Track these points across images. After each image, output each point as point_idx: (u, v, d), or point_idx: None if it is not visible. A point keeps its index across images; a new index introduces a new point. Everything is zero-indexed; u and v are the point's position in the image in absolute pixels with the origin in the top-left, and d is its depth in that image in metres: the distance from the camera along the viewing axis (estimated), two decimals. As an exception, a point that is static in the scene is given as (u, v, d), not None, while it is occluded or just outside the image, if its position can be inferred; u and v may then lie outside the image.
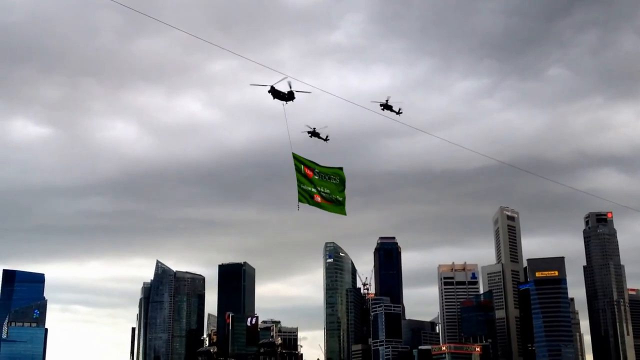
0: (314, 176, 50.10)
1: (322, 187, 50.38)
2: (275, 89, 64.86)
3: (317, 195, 50.06)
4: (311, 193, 49.82)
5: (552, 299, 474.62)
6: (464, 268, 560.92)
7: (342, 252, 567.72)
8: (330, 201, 50.75)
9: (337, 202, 51.15)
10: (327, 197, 50.55)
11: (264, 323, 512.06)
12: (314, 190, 49.94)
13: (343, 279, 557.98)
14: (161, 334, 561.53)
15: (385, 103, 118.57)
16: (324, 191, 50.37)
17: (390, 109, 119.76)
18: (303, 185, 49.55)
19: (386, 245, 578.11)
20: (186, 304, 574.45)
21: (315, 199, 50.04)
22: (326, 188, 50.58)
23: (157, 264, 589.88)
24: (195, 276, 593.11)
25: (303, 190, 49.55)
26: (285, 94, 65.50)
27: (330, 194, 50.71)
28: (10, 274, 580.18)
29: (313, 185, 49.92)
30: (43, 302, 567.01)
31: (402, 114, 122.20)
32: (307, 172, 49.84)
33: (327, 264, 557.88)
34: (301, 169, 49.62)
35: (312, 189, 49.88)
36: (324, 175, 50.66)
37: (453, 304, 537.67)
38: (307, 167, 49.96)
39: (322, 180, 50.47)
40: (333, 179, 51.03)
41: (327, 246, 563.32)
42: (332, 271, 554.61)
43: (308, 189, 49.65)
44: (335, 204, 51.13)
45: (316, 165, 50.51)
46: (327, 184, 50.66)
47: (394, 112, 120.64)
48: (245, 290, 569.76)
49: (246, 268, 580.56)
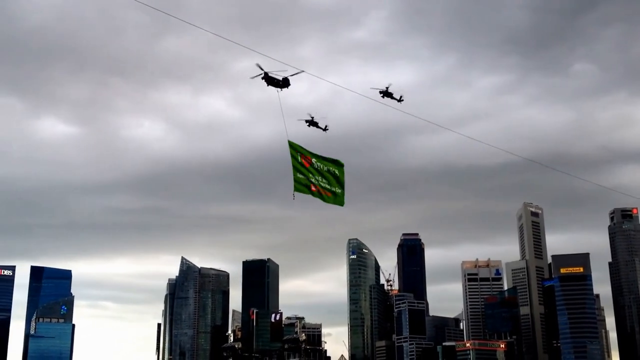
0: (312, 164, 47.67)
1: (320, 177, 47.96)
2: (269, 75, 64.05)
3: (315, 185, 47.53)
4: (308, 183, 47.27)
5: (577, 295, 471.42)
6: (487, 264, 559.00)
7: (365, 249, 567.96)
8: (328, 192, 48.17)
9: (335, 193, 48.47)
10: (325, 187, 48.07)
11: (288, 319, 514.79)
12: (311, 180, 47.44)
13: (366, 275, 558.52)
14: (186, 329, 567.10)
15: (385, 90, 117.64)
16: (321, 181, 47.95)
17: (391, 97, 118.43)
18: (300, 174, 47.07)
19: (409, 242, 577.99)
20: (211, 300, 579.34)
21: (313, 189, 47.46)
22: (324, 178, 48.19)
23: (182, 261, 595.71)
24: (219, 272, 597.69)
25: (300, 179, 47.03)
26: (279, 81, 64.60)
27: (328, 184, 48.17)
28: (38, 271, 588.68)
29: (311, 175, 47.42)
30: (70, 299, 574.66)
31: (403, 101, 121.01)
32: (304, 161, 47.46)
33: (350, 260, 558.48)
34: (297, 157, 47.15)
35: (310, 178, 47.40)
36: (322, 166, 48.22)
37: (477, 300, 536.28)
38: (303, 156, 47.58)
39: (321, 169, 48.04)
40: (332, 171, 48.54)
41: (350, 242, 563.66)
42: (356, 267, 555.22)
43: (305, 178, 47.17)
44: (334, 195, 48.45)
45: (314, 155, 48.11)
46: (326, 175, 48.22)
47: (395, 100, 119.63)
48: (269, 286, 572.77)
49: (270, 264, 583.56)
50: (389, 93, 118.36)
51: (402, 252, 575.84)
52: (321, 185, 47.75)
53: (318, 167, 47.77)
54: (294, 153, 46.90)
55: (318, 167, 47.77)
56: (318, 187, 47.56)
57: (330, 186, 48.26)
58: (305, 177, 47.00)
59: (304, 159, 47.25)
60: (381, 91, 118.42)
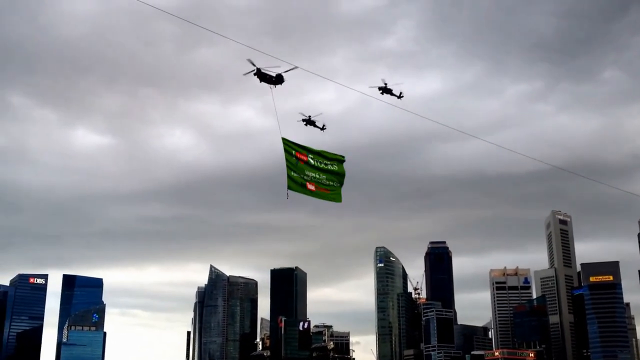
0: (308, 161, 45.46)
1: (317, 173, 45.65)
2: (261, 71, 62.41)
3: (311, 182, 45.25)
4: (303, 181, 44.97)
5: (607, 304, 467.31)
6: (516, 273, 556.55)
7: (392, 257, 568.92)
8: (326, 188, 45.98)
9: (333, 188, 46.39)
10: (322, 184, 45.72)
11: (316, 327, 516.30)
12: (307, 177, 45.14)
13: (394, 284, 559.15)
14: (215, 337, 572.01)
15: (384, 87, 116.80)
16: (318, 177, 45.60)
17: (390, 93, 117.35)
18: (294, 171, 44.65)
19: (437, 250, 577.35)
20: (239, 308, 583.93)
21: (309, 187, 45.11)
22: (322, 174, 45.85)
23: (210, 269, 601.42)
24: (248, 281, 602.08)
25: (294, 177, 44.56)
26: (272, 77, 63.10)
27: (326, 180, 45.99)
28: (70, 279, 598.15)
29: (307, 171, 45.27)
30: (102, 307, 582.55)
31: (403, 97, 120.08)
32: (300, 157, 45.15)
33: (377, 269, 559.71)
34: (292, 154, 44.88)
35: (306, 176, 45.14)
36: (320, 161, 45.99)
37: (505, 309, 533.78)
38: (299, 153, 45.27)
39: (318, 165, 45.84)
40: (330, 167, 46.33)
41: (377, 251, 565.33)
42: (383, 276, 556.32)
43: (300, 176, 44.79)
44: (332, 191, 46.34)
45: (311, 151, 45.99)
46: (324, 169, 46.07)
47: (395, 97, 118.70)
48: (297, 294, 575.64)
49: (298, 273, 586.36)
50: (388, 89, 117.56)
51: (430, 261, 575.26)
52: (318, 182, 45.68)
53: (315, 164, 45.84)
54: (288, 149, 45.01)
55: (315, 164, 45.84)
56: (315, 185, 45.53)
57: (329, 182, 46.30)
58: (301, 175, 45.03)
59: (300, 156, 45.38)
60: (380, 87, 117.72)
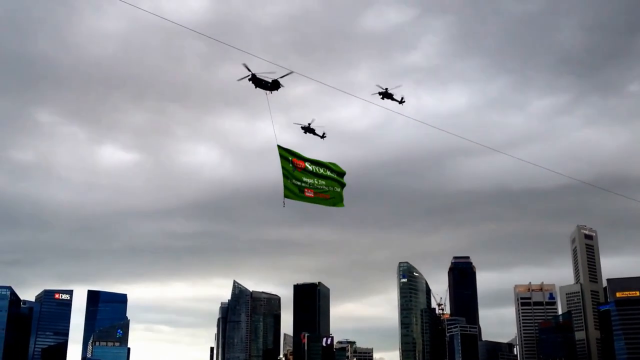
0: (306, 167, 43.76)
1: (316, 179, 44.02)
2: (257, 77, 60.95)
3: (310, 189, 43.54)
4: (301, 187, 43.29)
5: (634, 319, 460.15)
6: (541, 288, 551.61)
7: (416, 272, 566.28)
8: (326, 194, 44.35)
9: (334, 193, 44.75)
10: (322, 190, 44.05)
11: (339, 343, 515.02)
12: (304, 184, 43.44)
13: (417, 299, 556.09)
14: (239, 353, 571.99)
15: (385, 91, 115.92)
16: (317, 183, 43.96)
17: (391, 98, 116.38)
18: (291, 179, 43.07)
19: (460, 265, 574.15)
20: (262, 324, 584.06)
21: (307, 194, 43.47)
22: (321, 179, 44.22)
23: (234, 284, 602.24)
24: (271, 296, 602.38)
25: (291, 184, 42.97)
26: (268, 83, 61.55)
27: (326, 186, 44.32)
28: (94, 295, 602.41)
29: (305, 178, 43.58)
30: (126, 322, 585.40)
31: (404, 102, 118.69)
32: (298, 163, 43.52)
33: (401, 284, 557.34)
34: (289, 161, 43.26)
35: (303, 183, 43.46)
36: (318, 167, 44.40)
37: (531, 325, 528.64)
38: (296, 159, 43.60)
39: (316, 172, 44.23)
40: (329, 173, 44.77)
41: (400, 266, 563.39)
42: (407, 291, 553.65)
43: (297, 183, 43.10)
44: (332, 197, 44.69)
45: (308, 159, 44.34)
46: (323, 175, 44.48)
47: (396, 102, 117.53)
48: (320, 310, 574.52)
49: (321, 288, 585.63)
50: (388, 94, 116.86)
51: (453, 276, 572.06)
52: (317, 189, 44.14)
53: (313, 170, 44.41)
54: (284, 155, 43.51)
55: (313, 170, 44.41)
56: (314, 191, 43.98)
57: (328, 188, 44.76)
58: (298, 181, 43.48)
59: (297, 163, 43.84)
60: (380, 92, 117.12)
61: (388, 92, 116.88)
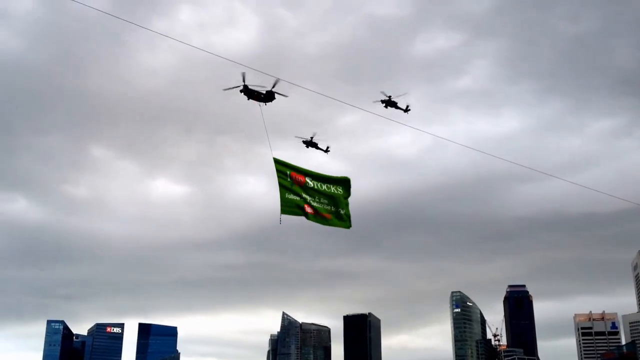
0: (307, 182, 40.41)
1: (317, 196, 40.51)
2: (248, 88, 58.74)
3: (308, 205, 40.01)
4: (300, 203, 39.90)
5: None
6: (602, 317, 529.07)
7: (469, 302, 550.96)
8: (328, 214, 40.72)
9: (338, 214, 40.97)
10: (323, 208, 40.41)
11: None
12: (304, 200, 40.02)
13: (472, 330, 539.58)
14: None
15: (388, 99, 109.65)
16: (318, 201, 40.45)
17: (396, 106, 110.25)
18: (289, 194, 39.73)
19: (516, 294, 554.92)
20: (312, 356, 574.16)
21: (307, 210, 39.95)
22: (323, 197, 40.64)
23: (283, 316, 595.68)
24: (320, 328, 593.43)
25: (289, 199, 39.60)
26: (261, 94, 58.83)
27: (328, 205, 40.74)
28: (145, 328, 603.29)
29: (304, 194, 40.14)
30: (176, 355, 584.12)
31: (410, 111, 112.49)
32: (297, 178, 40.26)
33: (454, 314, 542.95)
34: (287, 175, 40.20)
35: (302, 197, 40.03)
36: (321, 182, 40.90)
37: (592, 356, 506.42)
38: (295, 172, 40.41)
39: (318, 188, 40.63)
40: (332, 190, 41.10)
41: (453, 295, 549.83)
42: (460, 321, 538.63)
43: (295, 199, 39.60)
44: (336, 216, 40.93)
45: (309, 173, 40.89)
46: (325, 193, 40.84)
47: (401, 110, 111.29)
48: (371, 341, 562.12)
49: (371, 319, 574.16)
50: (392, 102, 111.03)
51: (509, 305, 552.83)
52: (317, 207, 40.39)
53: (314, 186, 40.83)
54: (281, 169, 40.50)
55: (314, 186, 40.83)
56: (314, 209, 40.26)
57: (331, 207, 41.08)
58: (297, 196, 39.96)
59: (297, 177, 40.53)
60: (383, 101, 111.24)
61: (391, 100, 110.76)
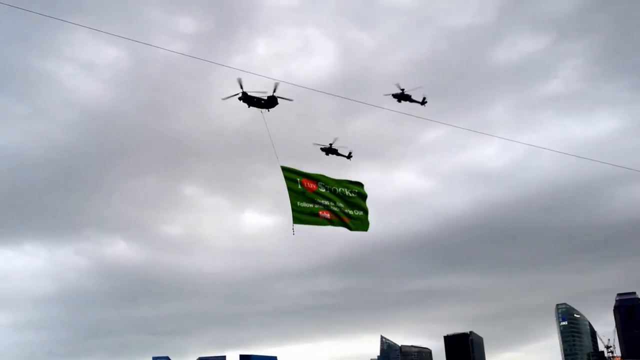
0: (319, 189, 38.99)
1: (332, 200, 39.09)
2: (247, 95, 56.20)
3: (325, 210, 38.66)
4: (314, 209, 38.56)
5: None
6: None
7: (576, 313, 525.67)
8: (345, 217, 39.28)
9: (355, 217, 39.66)
10: (340, 212, 38.88)
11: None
12: (318, 206, 38.70)
13: (582, 343, 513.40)
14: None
15: (401, 93, 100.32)
16: (334, 204, 39.01)
17: (410, 99, 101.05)
18: (301, 202, 38.38)
19: (627, 302, 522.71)
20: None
21: (322, 215, 38.62)
22: (339, 201, 39.30)
23: (381, 340, 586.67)
24: (421, 349, 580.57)
25: (302, 207, 38.26)
26: (262, 100, 56.48)
27: (344, 208, 39.23)
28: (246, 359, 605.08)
29: (318, 199, 38.74)
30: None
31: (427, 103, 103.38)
32: (308, 185, 38.80)
33: (561, 327, 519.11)
34: (297, 183, 38.77)
35: (316, 204, 38.67)
36: (335, 186, 39.45)
37: None
38: (306, 180, 38.95)
39: (331, 193, 39.12)
40: (347, 192, 39.77)
41: (558, 308, 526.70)
42: (568, 335, 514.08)
43: (308, 206, 38.21)
44: (353, 220, 39.58)
45: (321, 178, 39.37)
46: (339, 195, 39.37)
47: (417, 103, 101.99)
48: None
49: (473, 338, 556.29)
50: (405, 96, 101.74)
51: (620, 315, 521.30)
52: (335, 210, 38.86)
53: (327, 190, 39.31)
54: (291, 177, 38.89)
55: (327, 190, 39.31)
56: (330, 213, 38.72)
57: (348, 209, 39.78)
58: (311, 203, 38.46)
59: (308, 184, 38.96)
60: (395, 95, 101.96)
61: (405, 93, 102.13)
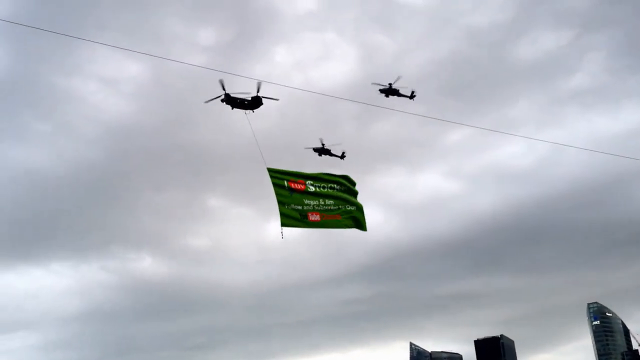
0: (307, 188, 37.90)
1: (321, 199, 37.78)
2: (230, 96, 54.24)
3: (314, 212, 37.37)
4: (303, 211, 37.49)
5: None
6: None
7: (608, 312, 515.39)
8: (336, 214, 38.04)
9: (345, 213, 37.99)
10: (330, 210, 37.56)
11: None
12: (307, 207, 37.52)
13: (615, 342, 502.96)
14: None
15: (389, 88, 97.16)
16: (323, 203, 37.72)
17: (398, 94, 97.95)
18: (288, 205, 37.44)
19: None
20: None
21: (311, 218, 37.41)
22: (328, 199, 37.99)
23: (410, 346, 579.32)
24: (452, 355, 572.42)
25: (289, 210, 37.20)
26: (245, 101, 54.76)
27: (334, 206, 37.90)
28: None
29: (307, 200, 37.53)
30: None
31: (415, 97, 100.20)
32: (295, 186, 37.81)
33: (593, 327, 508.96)
34: (284, 184, 38.13)
35: (305, 205, 37.49)
36: (324, 183, 37.98)
37: None
38: (293, 181, 37.88)
39: (320, 192, 37.77)
40: (337, 186, 38.43)
41: (590, 307, 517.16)
42: (601, 334, 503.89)
43: (297, 208, 37.14)
44: (345, 216, 38.05)
45: (309, 176, 38.01)
46: (329, 193, 37.99)
47: (406, 97, 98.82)
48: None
49: (504, 341, 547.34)
50: (393, 90, 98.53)
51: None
52: (324, 210, 37.78)
53: (316, 190, 38.09)
54: (277, 180, 38.76)
55: (316, 190, 38.09)
56: (320, 214, 37.67)
57: (339, 206, 38.55)
58: (299, 205, 37.65)
59: (296, 184, 38.34)
60: (382, 90, 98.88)
61: (392, 88, 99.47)
